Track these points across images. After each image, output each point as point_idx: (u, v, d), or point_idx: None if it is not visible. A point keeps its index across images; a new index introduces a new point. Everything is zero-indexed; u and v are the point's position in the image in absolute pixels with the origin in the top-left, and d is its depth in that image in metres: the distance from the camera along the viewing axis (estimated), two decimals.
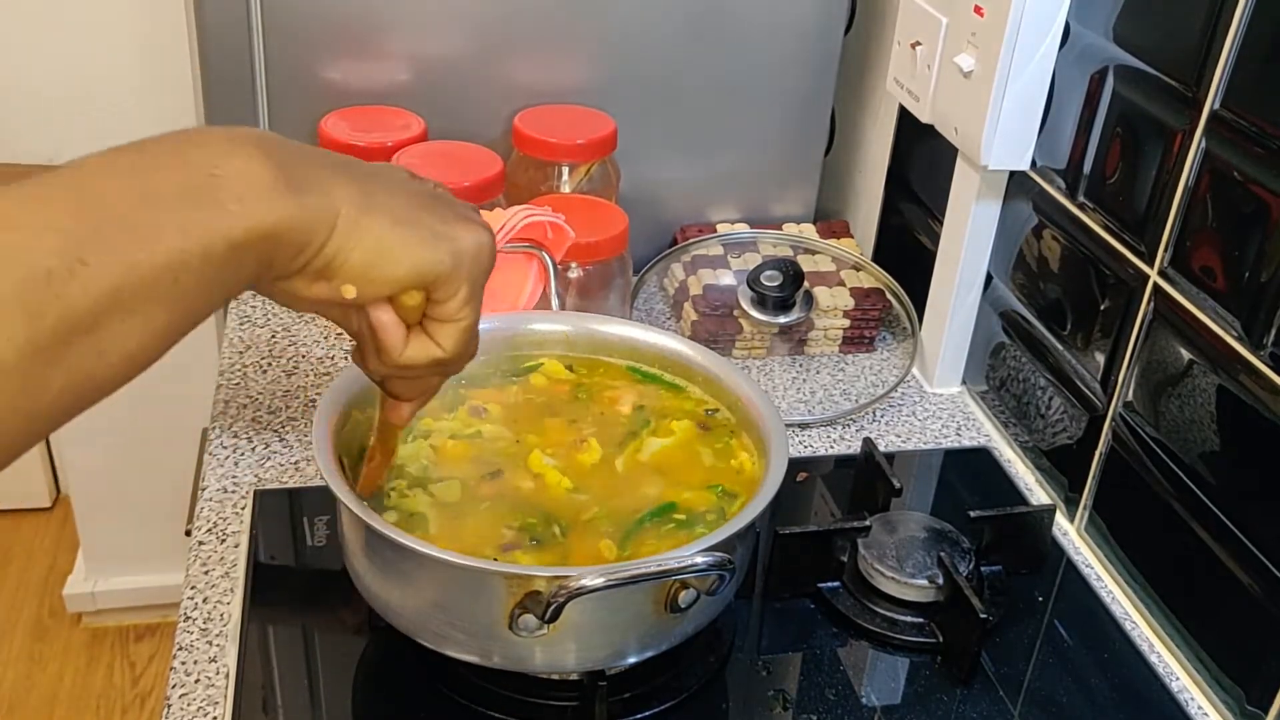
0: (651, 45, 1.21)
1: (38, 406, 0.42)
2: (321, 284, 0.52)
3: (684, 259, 1.24)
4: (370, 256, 0.51)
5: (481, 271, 0.56)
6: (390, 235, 0.52)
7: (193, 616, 0.84)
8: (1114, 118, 0.92)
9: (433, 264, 0.53)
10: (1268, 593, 0.78)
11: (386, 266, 0.52)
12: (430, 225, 0.53)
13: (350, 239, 0.50)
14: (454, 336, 0.57)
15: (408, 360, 0.57)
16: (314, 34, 1.14)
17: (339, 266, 0.51)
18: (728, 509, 0.79)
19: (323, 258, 0.50)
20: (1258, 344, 0.78)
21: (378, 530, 0.70)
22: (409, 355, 0.57)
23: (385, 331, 0.56)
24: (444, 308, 0.56)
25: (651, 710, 0.78)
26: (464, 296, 0.55)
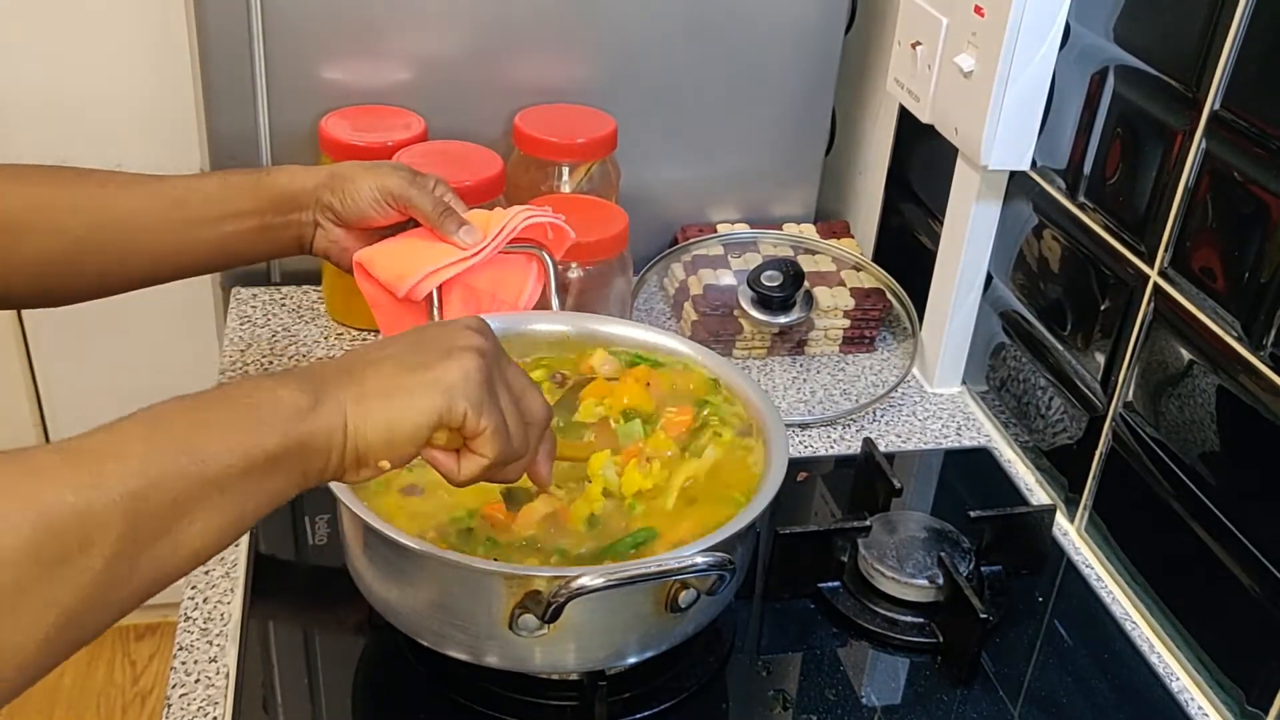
0: (652, 45, 1.21)
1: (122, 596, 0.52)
2: (364, 469, 0.61)
3: (684, 259, 1.24)
4: (383, 433, 0.60)
5: (477, 388, 0.62)
6: (390, 410, 0.60)
7: (193, 616, 0.84)
8: (1114, 118, 0.92)
9: (432, 411, 0.61)
10: (1268, 593, 0.78)
11: (400, 433, 0.60)
12: (417, 380, 0.61)
13: (362, 427, 0.59)
14: (488, 443, 0.63)
15: (467, 478, 0.65)
16: (314, 34, 1.14)
17: (365, 451, 0.60)
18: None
19: (351, 451, 0.59)
20: (1258, 344, 0.78)
21: (378, 530, 0.70)
22: (466, 474, 0.65)
23: (439, 465, 0.65)
24: (469, 430, 0.63)
25: (651, 710, 0.78)
26: (474, 414, 0.62)
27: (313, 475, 0.59)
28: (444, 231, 0.90)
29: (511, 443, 0.65)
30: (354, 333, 1.16)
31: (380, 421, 0.60)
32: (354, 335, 1.16)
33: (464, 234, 0.90)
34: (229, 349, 1.13)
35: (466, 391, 0.62)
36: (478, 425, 0.62)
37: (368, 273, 0.91)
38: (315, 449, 0.58)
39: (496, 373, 0.65)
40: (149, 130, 1.55)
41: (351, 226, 0.91)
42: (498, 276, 0.94)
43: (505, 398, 0.65)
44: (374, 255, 0.91)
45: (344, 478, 0.61)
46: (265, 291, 1.22)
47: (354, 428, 0.59)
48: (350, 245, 0.91)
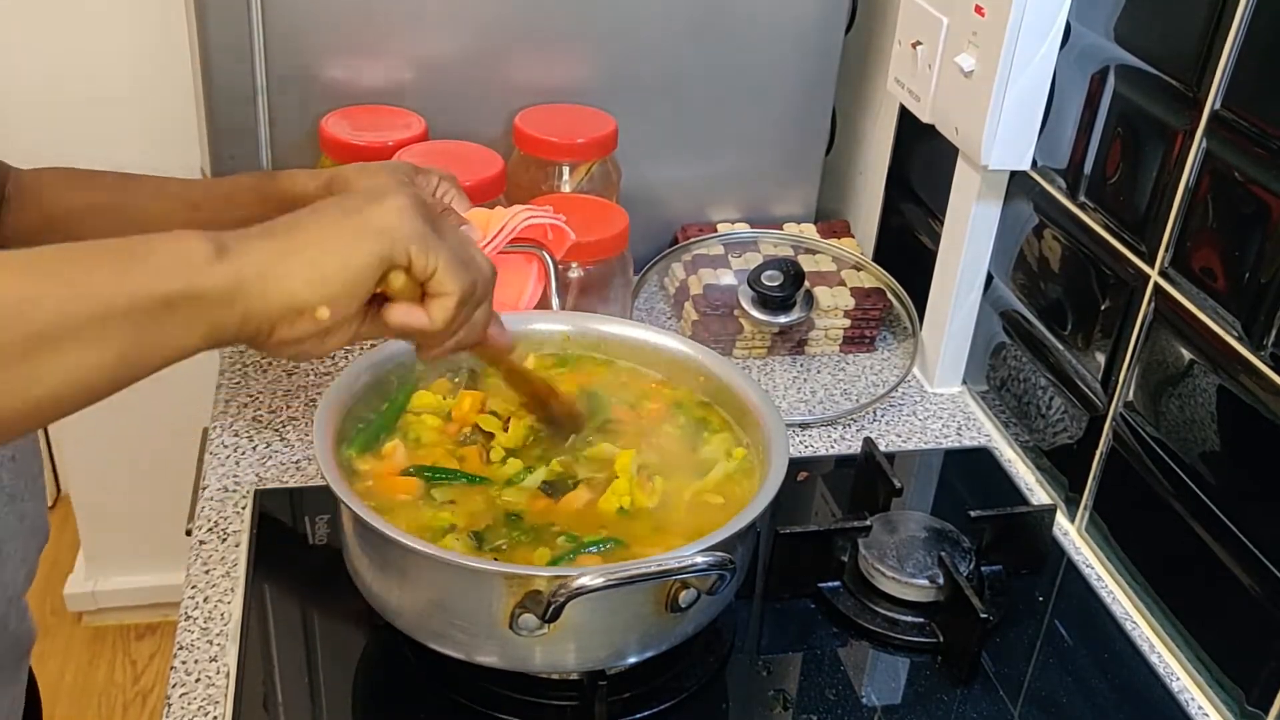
0: (652, 45, 1.21)
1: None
2: (299, 322, 0.58)
3: (685, 258, 1.24)
4: (312, 279, 0.57)
5: (418, 223, 0.60)
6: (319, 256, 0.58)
7: (193, 615, 0.84)
8: (1115, 118, 0.92)
9: (372, 254, 0.59)
10: (1268, 593, 0.78)
11: (334, 277, 0.58)
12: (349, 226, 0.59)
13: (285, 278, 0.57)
14: (449, 276, 0.61)
15: (443, 321, 0.62)
16: (315, 33, 1.14)
17: (291, 301, 0.57)
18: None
19: (275, 304, 0.56)
20: (1258, 344, 0.78)
21: (378, 529, 0.70)
22: (438, 317, 0.62)
23: (408, 323, 0.62)
24: (415, 271, 0.60)
25: (651, 710, 0.78)
26: (420, 250, 0.60)
27: (227, 330, 0.56)
28: None
29: (471, 277, 0.62)
30: None
31: (306, 269, 0.57)
32: None
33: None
34: (229, 348, 1.13)
35: (407, 230, 0.59)
36: (426, 261, 0.60)
37: None
38: (217, 300, 0.55)
39: (434, 220, 0.62)
40: (149, 130, 1.55)
41: None
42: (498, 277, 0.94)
43: (450, 234, 0.62)
44: None
45: (275, 334, 0.58)
46: None
47: (275, 279, 0.56)
48: None
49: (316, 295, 0.57)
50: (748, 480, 0.82)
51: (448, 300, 0.62)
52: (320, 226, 0.59)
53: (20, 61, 1.52)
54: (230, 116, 1.15)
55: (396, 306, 0.62)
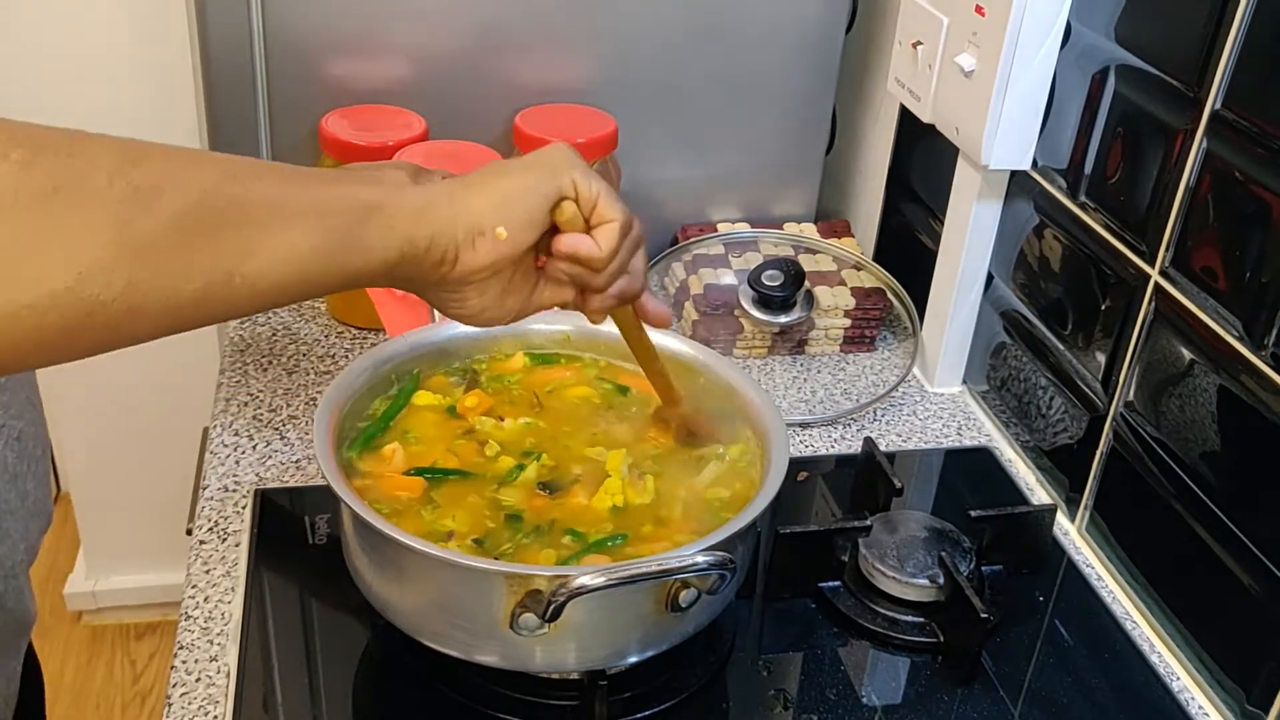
0: (652, 44, 1.21)
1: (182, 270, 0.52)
2: (480, 240, 0.63)
3: (685, 258, 1.24)
4: (494, 200, 0.63)
5: (573, 158, 0.67)
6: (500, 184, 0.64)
7: (194, 615, 0.84)
8: (1115, 118, 0.92)
9: (543, 181, 0.65)
10: (1268, 593, 0.78)
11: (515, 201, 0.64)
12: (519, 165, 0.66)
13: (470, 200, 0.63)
14: (609, 204, 0.66)
15: (609, 246, 0.67)
16: (315, 33, 1.14)
17: (477, 218, 0.63)
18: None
19: (463, 222, 0.62)
20: (1259, 344, 0.78)
21: (379, 529, 0.70)
22: (607, 244, 0.67)
23: (578, 246, 0.66)
24: (581, 199, 0.66)
25: (652, 710, 0.78)
26: (584, 179, 0.66)
27: (418, 246, 0.61)
28: None
29: (629, 213, 0.68)
30: (355, 331, 1.16)
31: (488, 195, 0.63)
32: (355, 333, 1.16)
33: None
34: (228, 347, 1.13)
35: (572, 163, 0.66)
36: (590, 188, 0.65)
37: None
38: (411, 214, 0.61)
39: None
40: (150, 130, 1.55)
41: None
42: None
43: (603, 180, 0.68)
44: None
45: (460, 260, 0.63)
46: None
47: (461, 201, 0.62)
48: None
49: (497, 215, 0.63)
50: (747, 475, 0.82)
51: (612, 226, 0.67)
52: (496, 171, 0.66)
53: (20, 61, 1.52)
54: (230, 116, 1.15)
55: (566, 235, 0.66)
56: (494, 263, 0.64)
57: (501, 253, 0.64)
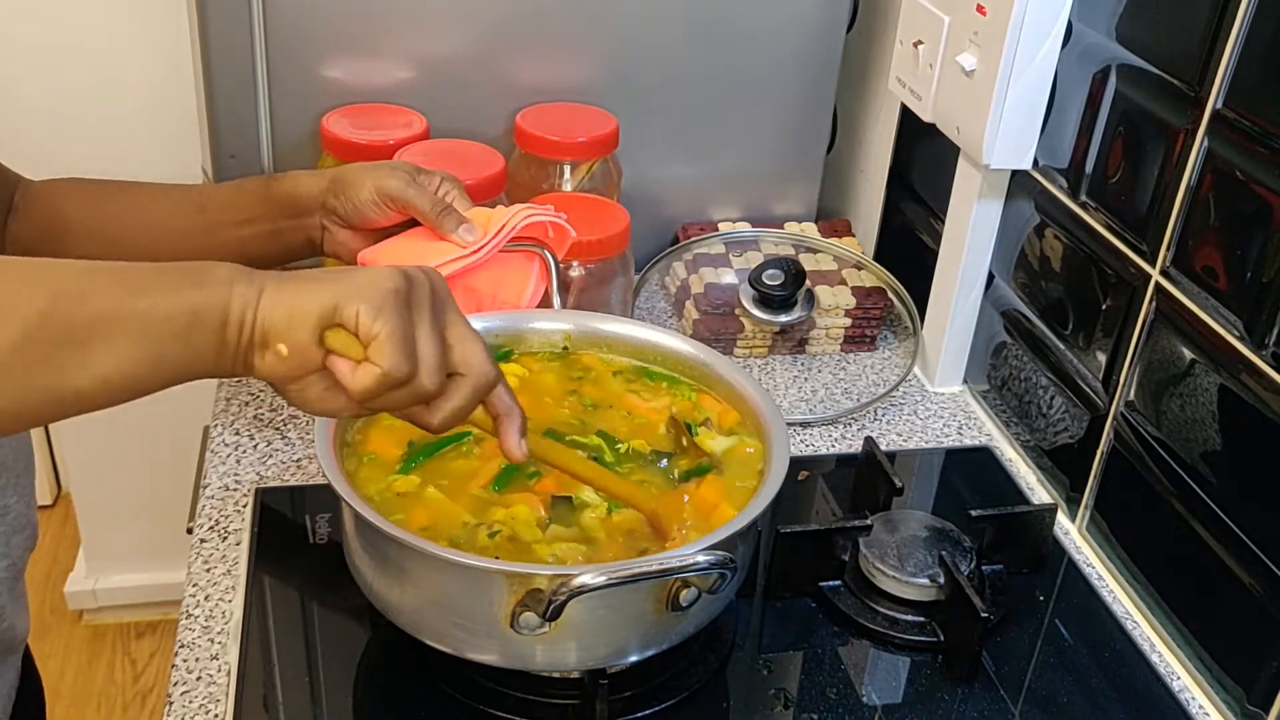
0: (653, 44, 1.21)
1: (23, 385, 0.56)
2: (266, 352, 0.62)
3: (685, 257, 1.24)
4: (285, 314, 0.62)
5: (381, 295, 0.62)
6: (298, 294, 0.63)
7: (194, 614, 0.84)
8: (1116, 117, 0.92)
9: (327, 298, 0.62)
10: (1269, 593, 0.78)
11: (297, 317, 0.62)
12: (331, 278, 0.63)
13: (271, 307, 0.62)
14: (382, 351, 0.62)
15: (361, 388, 0.63)
16: (316, 32, 1.14)
17: (268, 330, 0.62)
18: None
19: (259, 329, 0.62)
20: (1259, 344, 0.78)
21: (379, 528, 0.70)
22: (359, 382, 0.63)
23: (336, 368, 0.63)
24: (361, 330, 0.62)
25: (652, 709, 0.78)
26: (369, 315, 0.62)
27: (228, 348, 0.61)
28: (443, 230, 0.90)
29: (416, 364, 0.63)
30: None
31: (287, 303, 0.62)
32: None
33: (464, 232, 0.90)
34: None
35: (366, 294, 0.62)
36: (371, 327, 0.62)
37: None
38: (232, 317, 0.61)
39: (427, 305, 0.64)
40: (150, 129, 1.55)
41: (356, 228, 0.91)
42: (499, 276, 0.94)
43: (427, 326, 0.64)
44: (376, 255, 0.91)
45: (251, 360, 0.62)
46: None
47: (265, 305, 0.62)
48: (357, 246, 0.92)
49: (283, 333, 0.62)
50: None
51: (370, 371, 0.62)
52: (304, 280, 0.64)
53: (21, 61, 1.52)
54: (231, 115, 1.15)
55: (333, 355, 0.63)
56: (282, 374, 0.63)
57: (289, 366, 0.63)
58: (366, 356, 0.62)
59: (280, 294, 0.62)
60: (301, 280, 0.63)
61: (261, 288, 0.62)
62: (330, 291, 0.62)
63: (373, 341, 0.62)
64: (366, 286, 0.62)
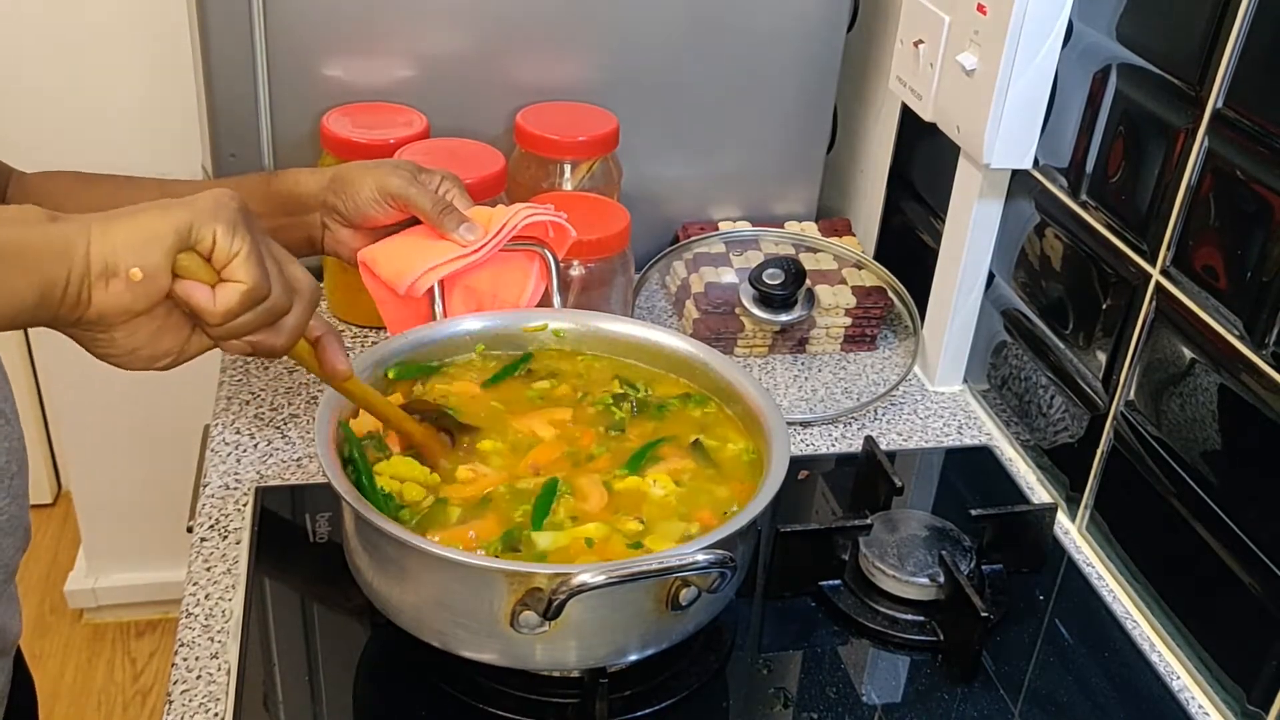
0: (654, 43, 1.21)
1: None
2: (114, 280, 0.60)
3: (686, 257, 1.24)
4: (127, 238, 0.60)
5: (230, 213, 0.63)
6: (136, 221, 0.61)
7: (194, 613, 0.84)
8: (1117, 116, 0.92)
9: (182, 219, 0.62)
10: (1269, 592, 0.78)
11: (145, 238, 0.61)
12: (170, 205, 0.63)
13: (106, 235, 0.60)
14: (243, 267, 0.63)
15: (223, 307, 0.63)
16: (316, 31, 1.14)
17: (111, 258, 0.60)
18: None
19: (97, 260, 0.60)
20: (1259, 343, 0.78)
21: (379, 527, 0.70)
22: (222, 304, 0.63)
23: (192, 294, 0.63)
24: (216, 252, 0.62)
25: (652, 708, 0.78)
26: (226, 234, 0.62)
27: (56, 284, 0.59)
28: (444, 229, 0.90)
29: (270, 281, 0.64)
30: (356, 329, 1.16)
31: (125, 229, 0.61)
32: (356, 331, 1.16)
33: (464, 231, 0.90)
34: None
35: (220, 215, 0.62)
36: (229, 245, 0.62)
37: (371, 270, 0.92)
38: (53, 251, 0.59)
39: (255, 227, 0.64)
40: (150, 128, 1.55)
41: (357, 226, 0.91)
42: (499, 275, 0.94)
43: (266, 249, 0.65)
44: (376, 253, 0.91)
45: (93, 296, 0.60)
46: None
47: (97, 236, 0.60)
48: (358, 245, 0.92)
49: (133, 256, 0.60)
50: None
51: (234, 289, 0.63)
52: (149, 207, 0.63)
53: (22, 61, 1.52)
54: (232, 114, 1.15)
55: (180, 281, 0.63)
56: (129, 304, 0.61)
57: (136, 295, 0.61)
58: (221, 278, 0.63)
59: (113, 221, 0.61)
60: (137, 210, 0.62)
61: (88, 222, 0.61)
62: (181, 214, 0.61)
63: (234, 258, 0.62)
64: (216, 208, 0.62)
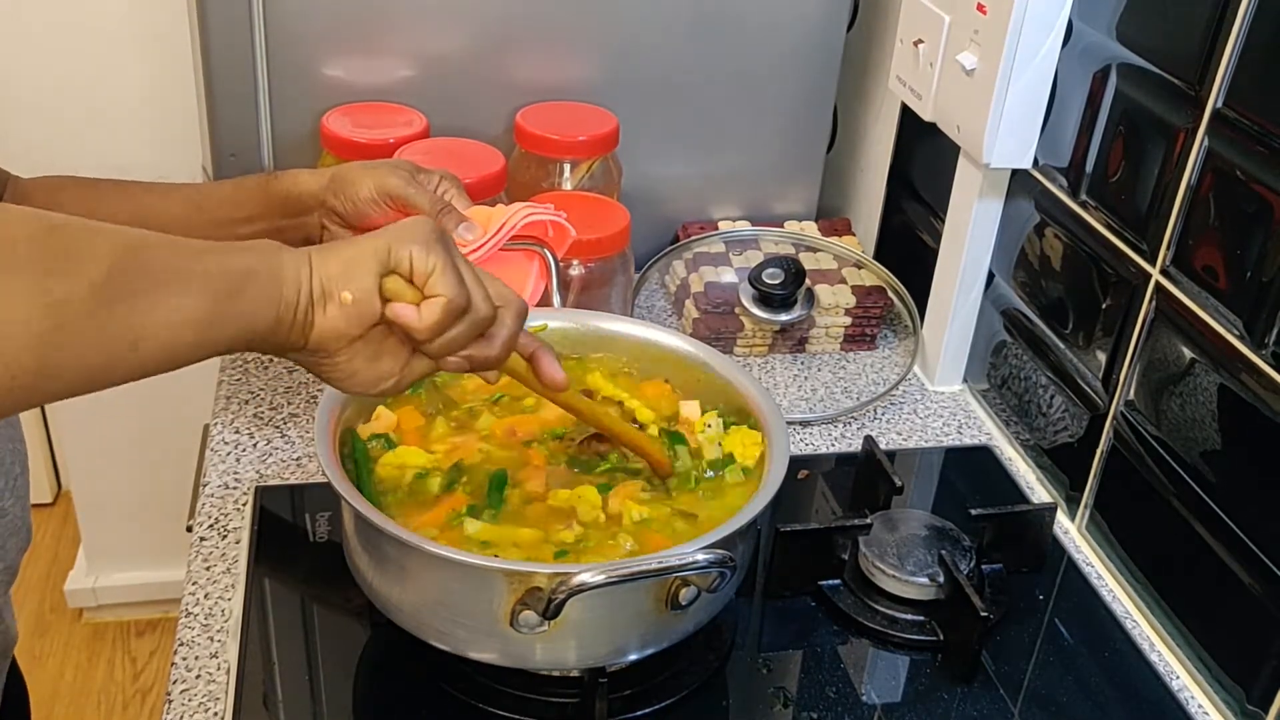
0: (654, 42, 1.21)
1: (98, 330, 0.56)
2: (329, 303, 0.65)
3: (685, 256, 1.24)
4: (343, 264, 0.65)
5: (425, 233, 0.67)
6: (347, 248, 0.66)
7: (194, 612, 0.84)
8: (1116, 116, 0.92)
9: (380, 244, 0.66)
10: (1268, 592, 0.78)
11: (357, 262, 0.65)
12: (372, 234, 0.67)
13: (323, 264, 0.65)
14: (440, 280, 0.66)
15: (428, 321, 0.66)
16: (316, 30, 1.14)
17: (327, 282, 0.65)
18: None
19: (316, 284, 0.64)
20: (1259, 343, 0.78)
21: (379, 526, 0.70)
22: (427, 319, 0.66)
23: (400, 314, 0.66)
24: (415, 271, 0.66)
25: (652, 707, 0.78)
26: (422, 252, 0.66)
27: (286, 308, 0.63)
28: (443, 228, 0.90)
29: (469, 292, 0.67)
30: None
31: (336, 257, 0.65)
32: None
33: (463, 231, 0.90)
34: None
35: (413, 236, 0.66)
36: (425, 263, 0.65)
37: None
38: (285, 278, 0.63)
39: (450, 246, 0.68)
40: (150, 127, 1.55)
41: (356, 227, 0.91)
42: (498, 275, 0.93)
43: (463, 265, 0.68)
44: None
45: (313, 317, 0.65)
46: None
47: (316, 265, 0.65)
48: None
49: (343, 281, 0.65)
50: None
51: (436, 302, 0.66)
52: (353, 239, 0.68)
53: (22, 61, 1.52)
54: (231, 114, 1.15)
55: (391, 304, 0.66)
56: (344, 328, 0.65)
57: (349, 318, 0.65)
58: (424, 295, 0.66)
59: (329, 251, 0.66)
60: (344, 241, 0.67)
61: (309, 252, 0.65)
62: (380, 240, 0.66)
63: (431, 275, 0.65)
64: (411, 231, 0.67)
